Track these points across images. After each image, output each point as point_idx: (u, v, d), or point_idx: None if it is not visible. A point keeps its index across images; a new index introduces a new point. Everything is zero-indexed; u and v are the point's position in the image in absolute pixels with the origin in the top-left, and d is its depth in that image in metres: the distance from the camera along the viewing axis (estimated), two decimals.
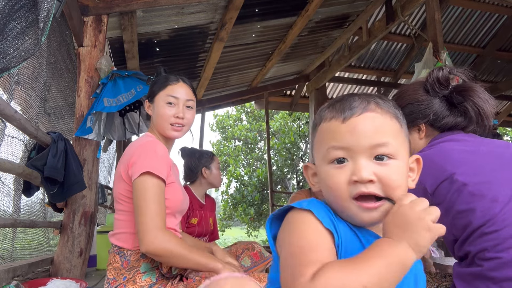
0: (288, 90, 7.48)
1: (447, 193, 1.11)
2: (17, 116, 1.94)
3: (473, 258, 1.06)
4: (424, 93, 1.30)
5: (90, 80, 2.83)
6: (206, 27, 4.06)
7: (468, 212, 1.07)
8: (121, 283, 1.34)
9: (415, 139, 1.33)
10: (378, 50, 6.56)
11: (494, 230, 1.03)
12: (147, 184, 1.30)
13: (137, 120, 3.38)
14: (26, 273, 2.33)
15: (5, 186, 2.56)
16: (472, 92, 1.22)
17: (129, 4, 3.00)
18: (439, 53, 3.60)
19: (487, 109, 1.22)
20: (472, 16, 5.90)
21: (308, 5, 4.17)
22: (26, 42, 1.74)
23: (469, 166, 1.12)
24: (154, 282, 1.36)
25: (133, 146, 1.44)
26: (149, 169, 1.31)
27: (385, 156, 0.69)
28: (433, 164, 1.15)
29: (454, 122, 1.25)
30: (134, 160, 1.36)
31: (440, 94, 1.27)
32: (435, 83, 1.27)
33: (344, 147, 0.69)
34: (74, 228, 2.65)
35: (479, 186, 1.08)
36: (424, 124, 1.30)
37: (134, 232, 1.38)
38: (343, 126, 0.70)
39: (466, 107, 1.23)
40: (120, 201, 1.43)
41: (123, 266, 1.37)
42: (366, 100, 0.72)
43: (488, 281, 1.01)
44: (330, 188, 0.70)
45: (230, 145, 14.03)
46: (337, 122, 0.71)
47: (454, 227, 1.11)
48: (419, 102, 1.30)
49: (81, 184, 2.49)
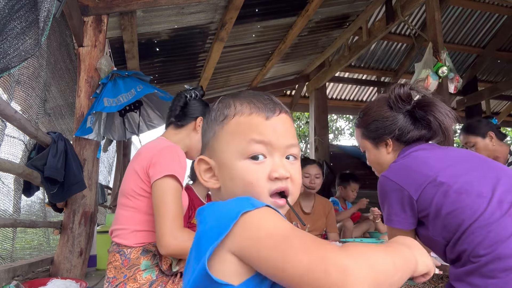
0: (288, 90, 7.48)
1: (433, 197, 1.14)
2: (17, 116, 1.94)
3: (467, 257, 1.08)
4: (388, 109, 1.36)
5: (90, 80, 2.83)
6: (206, 27, 4.06)
7: (458, 211, 1.10)
8: (121, 281, 1.35)
9: (383, 154, 1.38)
10: (378, 50, 6.56)
11: (484, 224, 1.06)
12: (169, 186, 1.34)
13: (137, 120, 3.38)
14: (26, 273, 2.33)
15: (5, 186, 2.57)
16: (433, 107, 1.28)
17: (129, 4, 3.00)
18: (439, 53, 3.60)
19: (447, 122, 1.28)
20: (472, 16, 5.90)
21: (308, 5, 4.17)
22: (26, 42, 1.74)
23: (447, 169, 1.16)
24: (154, 279, 1.36)
25: (155, 147, 1.46)
26: (173, 172, 1.35)
27: (292, 156, 0.73)
28: (412, 171, 1.20)
29: (419, 135, 1.31)
30: (156, 160, 1.38)
31: (403, 109, 1.33)
32: (398, 100, 1.33)
33: (266, 142, 0.70)
34: (74, 228, 2.65)
35: (462, 185, 1.12)
36: (390, 139, 1.35)
37: (139, 230, 1.40)
38: (266, 123, 0.71)
39: (429, 120, 1.29)
40: (129, 197, 1.43)
41: (123, 265, 1.37)
42: (278, 102, 0.76)
43: (484, 276, 1.03)
44: (250, 184, 0.69)
45: None
46: (259, 118, 0.72)
47: (445, 229, 1.13)
48: (384, 119, 1.36)
49: (81, 184, 2.49)
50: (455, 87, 3.61)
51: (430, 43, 3.71)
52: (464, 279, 1.08)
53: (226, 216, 0.59)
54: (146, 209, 1.41)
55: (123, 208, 1.46)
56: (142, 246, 1.40)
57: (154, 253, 1.40)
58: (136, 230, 1.41)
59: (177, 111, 1.64)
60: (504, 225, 1.04)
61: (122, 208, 1.46)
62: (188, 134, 1.62)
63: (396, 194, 1.20)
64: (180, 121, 1.63)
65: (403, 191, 1.18)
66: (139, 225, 1.41)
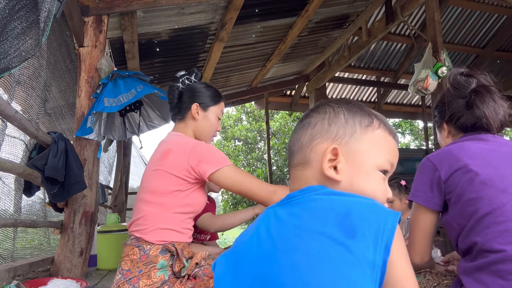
0: (288, 90, 7.49)
1: (459, 182, 1.14)
2: (17, 116, 1.94)
3: (479, 250, 1.06)
4: (448, 95, 1.36)
5: (91, 80, 2.84)
6: (206, 27, 4.07)
7: (476, 200, 1.09)
8: (135, 275, 1.35)
9: (443, 137, 1.42)
10: (378, 50, 6.57)
11: (502, 221, 1.03)
12: (230, 170, 1.44)
13: (137, 120, 3.39)
14: (27, 273, 2.34)
15: (6, 186, 2.57)
16: (483, 97, 1.26)
17: (129, 5, 3.01)
18: (439, 53, 3.61)
19: (501, 112, 1.26)
20: (472, 16, 5.91)
21: (308, 5, 4.18)
22: (27, 42, 1.75)
23: (484, 160, 1.14)
24: (166, 279, 1.37)
25: (187, 144, 1.48)
26: (225, 163, 1.45)
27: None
28: (449, 154, 1.20)
29: (470, 122, 1.28)
30: (199, 158, 1.43)
31: (459, 96, 1.32)
32: (453, 85, 1.34)
33: (392, 167, 0.79)
34: (75, 228, 2.66)
35: (491, 177, 1.10)
36: (446, 123, 1.38)
37: (163, 228, 1.42)
38: (396, 149, 0.80)
39: (474, 111, 1.27)
40: (160, 195, 1.44)
41: (140, 260, 1.38)
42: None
43: (493, 275, 1.00)
44: (374, 194, 0.75)
45: (230, 145, 14.05)
46: (394, 142, 0.80)
47: (461, 215, 1.12)
48: (441, 103, 1.40)
49: (82, 184, 2.49)
50: None
51: (430, 43, 3.72)
52: (472, 274, 1.06)
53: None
54: (176, 206, 1.43)
55: (148, 204, 1.45)
56: (163, 244, 1.40)
57: (172, 254, 1.41)
58: (160, 227, 1.41)
59: (173, 104, 1.66)
60: None
61: (147, 204, 1.45)
62: (190, 124, 1.62)
63: (430, 173, 1.22)
64: (178, 114, 1.64)
65: (435, 172, 1.20)
66: (165, 222, 1.42)
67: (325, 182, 0.75)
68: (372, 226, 0.63)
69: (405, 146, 16.11)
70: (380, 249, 0.61)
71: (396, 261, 0.63)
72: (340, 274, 0.60)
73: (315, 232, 0.64)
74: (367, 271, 0.60)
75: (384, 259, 0.61)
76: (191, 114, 1.62)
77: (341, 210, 0.65)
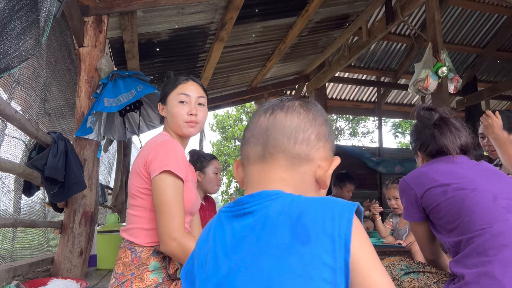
0: (288, 90, 7.48)
1: (435, 195, 1.33)
2: (17, 116, 1.94)
3: (464, 245, 1.21)
4: (418, 126, 1.55)
5: (91, 80, 2.83)
6: (206, 27, 4.06)
7: (453, 205, 1.26)
8: (128, 279, 1.34)
9: (419, 163, 1.58)
10: (378, 50, 6.57)
11: (473, 211, 1.22)
12: (166, 183, 1.32)
13: (137, 120, 3.39)
14: (27, 273, 2.34)
15: (6, 186, 2.57)
16: (446, 127, 1.44)
17: (129, 4, 3.00)
18: (439, 53, 3.61)
19: (463, 138, 1.43)
20: (472, 16, 5.90)
21: (308, 5, 4.18)
22: (27, 42, 1.74)
23: (453, 174, 1.33)
24: (160, 282, 1.35)
25: (151, 143, 1.45)
26: (169, 167, 1.32)
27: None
28: (423, 175, 1.40)
29: (435, 149, 1.46)
30: (152, 157, 1.36)
31: (426, 126, 1.50)
32: (418, 119, 1.53)
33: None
34: (75, 228, 2.66)
35: (462, 185, 1.28)
36: (418, 151, 1.55)
37: (147, 228, 1.39)
38: None
39: (442, 140, 1.44)
40: (134, 197, 1.43)
41: (132, 262, 1.37)
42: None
43: (480, 255, 1.14)
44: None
45: (230, 145, 14.03)
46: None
47: (443, 220, 1.30)
48: (412, 132, 1.59)
49: (82, 184, 2.49)
50: (454, 87, 3.61)
51: (430, 43, 3.72)
52: (461, 261, 1.19)
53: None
54: (152, 206, 1.40)
55: (131, 208, 1.45)
56: (153, 246, 1.39)
57: (164, 255, 1.39)
58: (145, 228, 1.40)
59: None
60: (498, 213, 1.18)
61: (130, 208, 1.45)
62: (167, 123, 1.57)
63: (407, 192, 1.42)
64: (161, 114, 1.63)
65: (411, 190, 1.40)
66: (148, 223, 1.40)
67: (312, 185, 0.71)
68: (326, 226, 0.57)
69: (405, 146, 16.10)
70: (339, 250, 0.55)
71: (360, 256, 0.57)
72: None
73: (269, 245, 0.59)
74: (328, 278, 0.54)
75: (345, 259, 0.55)
76: (163, 115, 1.59)
77: (293, 213, 0.60)
